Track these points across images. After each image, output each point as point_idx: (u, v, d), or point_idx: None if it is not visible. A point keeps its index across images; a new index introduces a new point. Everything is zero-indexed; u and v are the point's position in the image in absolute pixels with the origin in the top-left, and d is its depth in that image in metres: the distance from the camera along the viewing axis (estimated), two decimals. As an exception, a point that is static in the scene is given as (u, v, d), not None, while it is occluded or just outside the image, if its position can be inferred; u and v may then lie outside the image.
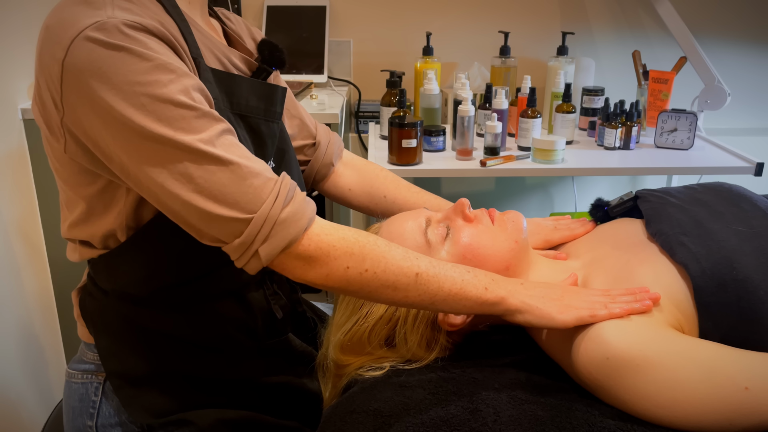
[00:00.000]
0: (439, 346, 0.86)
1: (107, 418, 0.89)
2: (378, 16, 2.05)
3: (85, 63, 0.67)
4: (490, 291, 0.77)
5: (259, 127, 0.86)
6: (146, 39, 0.69)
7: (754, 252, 0.79)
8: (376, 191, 1.10)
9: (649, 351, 0.70)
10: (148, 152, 0.69)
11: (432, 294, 0.76)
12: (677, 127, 1.76)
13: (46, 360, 1.78)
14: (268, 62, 0.91)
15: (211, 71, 0.80)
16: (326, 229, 0.74)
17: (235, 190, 0.70)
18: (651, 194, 0.95)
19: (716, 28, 2.10)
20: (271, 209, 0.71)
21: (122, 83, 0.67)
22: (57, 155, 0.78)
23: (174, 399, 0.89)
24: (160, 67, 0.69)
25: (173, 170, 0.69)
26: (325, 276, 0.73)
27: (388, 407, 0.76)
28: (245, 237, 0.71)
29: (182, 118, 0.69)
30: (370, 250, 0.74)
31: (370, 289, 0.75)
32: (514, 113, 1.80)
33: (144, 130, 0.67)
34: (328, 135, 1.11)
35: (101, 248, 0.84)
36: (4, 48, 1.56)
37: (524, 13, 2.07)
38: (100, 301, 0.89)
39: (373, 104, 2.04)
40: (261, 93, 0.87)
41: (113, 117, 0.68)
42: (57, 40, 0.69)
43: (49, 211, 1.70)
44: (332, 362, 0.89)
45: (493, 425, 0.71)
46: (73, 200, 0.82)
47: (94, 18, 0.68)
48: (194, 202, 0.69)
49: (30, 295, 1.69)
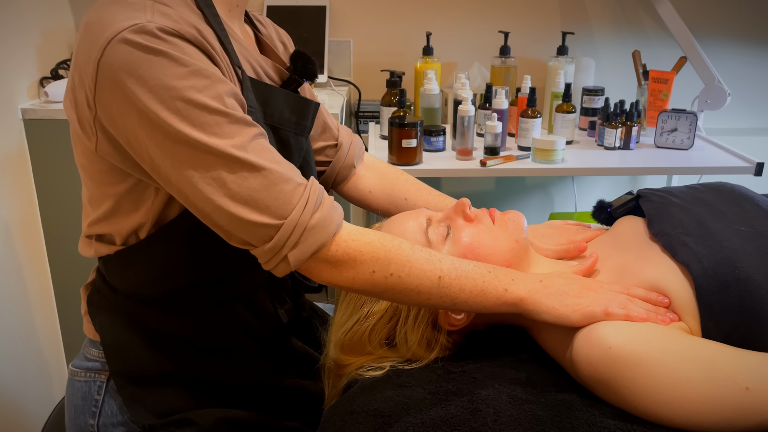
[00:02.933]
0: (439, 346, 0.86)
1: (110, 417, 0.89)
2: (378, 16, 2.05)
3: (122, 64, 0.67)
4: (509, 292, 0.78)
5: (288, 140, 0.87)
6: (183, 44, 0.70)
7: (756, 252, 0.79)
8: (397, 194, 1.09)
9: (650, 349, 0.70)
10: (182, 155, 0.69)
11: (453, 297, 0.77)
12: (677, 127, 1.76)
13: (46, 359, 1.78)
14: (300, 74, 0.91)
15: (250, 80, 0.81)
16: (353, 234, 0.76)
17: (266, 195, 0.71)
18: (653, 194, 0.95)
19: (716, 28, 2.10)
20: (302, 215, 0.72)
21: (158, 87, 0.68)
22: (87, 153, 0.78)
23: (177, 400, 0.89)
24: (195, 72, 0.69)
25: (206, 174, 0.70)
26: (351, 279, 0.75)
27: (388, 407, 0.76)
28: (275, 242, 0.72)
29: (216, 124, 0.69)
30: (396, 254, 0.76)
31: (394, 292, 0.77)
32: (514, 113, 1.80)
33: (179, 133, 0.68)
34: (350, 137, 1.11)
35: (120, 245, 0.84)
36: (4, 48, 1.56)
37: (524, 13, 2.07)
38: (109, 299, 0.89)
39: (373, 104, 2.04)
40: (295, 106, 0.87)
41: (148, 118, 0.68)
42: (94, 39, 0.69)
43: (49, 211, 1.70)
44: (332, 362, 0.89)
45: (493, 425, 0.71)
46: (98, 198, 0.82)
47: (132, 20, 0.68)
48: (226, 207, 0.70)
49: (30, 295, 1.69)
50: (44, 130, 1.63)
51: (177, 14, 0.72)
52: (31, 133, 1.63)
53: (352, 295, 0.88)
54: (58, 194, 1.69)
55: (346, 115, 2.05)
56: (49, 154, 1.65)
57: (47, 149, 1.65)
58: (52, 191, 1.68)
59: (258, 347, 0.93)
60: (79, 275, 1.73)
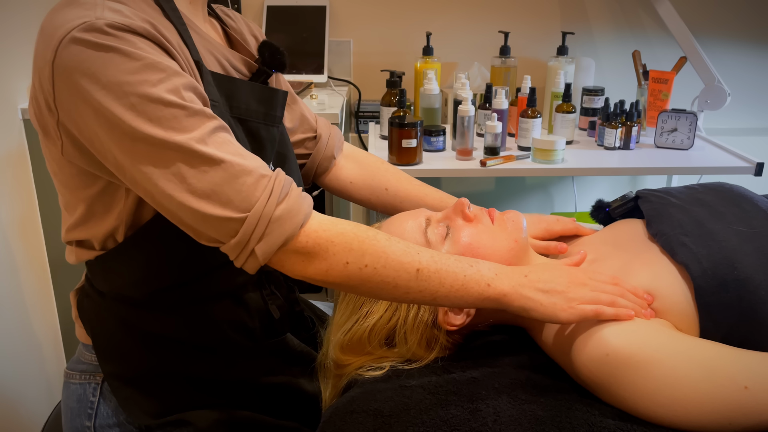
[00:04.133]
0: (439, 346, 0.86)
1: (105, 418, 0.89)
2: (378, 16, 2.05)
3: (74, 63, 0.67)
4: (492, 287, 0.76)
5: (258, 131, 0.86)
6: (134, 39, 0.69)
7: (755, 252, 0.79)
8: (378, 184, 1.09)
9: (649, 349, 0.70)
10: (141, 152, 0.68)
11: (433, 291, 0.75)
12: (677, 127, 1.76)
13: (45, 360, 1.78)
14: (268, 64, 0.91)
15: (211, 74, 0.80)
16: (324, 225, 0.73)
17: (227, 188, 0.69)
18: (652, 194, 0.95)
19: (716, 28, 2.10)
20: (265, 207, 0.70)
21: (111, 83, 0.67)
22: (55, 158, 0.78)
23: (172, 400, 0.89)
24: (149, 66, 0.68)
25: (166, 171, 0.68)
26: (324, 272, 0.73)
27: (388, 407, 0.76)
28: (241, 236, 0.70)
29: (173, 117, 0.68)
30: (370, 245, 0.73)
31: (370, 285, 0.74)
32: (514, 113, 1.80)
33: (135, 130, 0.67)
34: (329, 128, 1.11)
35: (99, 249, 0.84)
36: (4, 48, 1.56)
37: (524, 13, 2.07)
38: (98, 303, 0.89)
39: (373, 104, 2.04)
40: (261, 97, 0.87)
41: (105, 117, 0.67)
42: (47, 41, 0.69)
43: (49, 211, 1.70)
44: (332, 362, 0.89)
45: (493, 425, 0.71)
46: (72, 203, 0.82)
47: (81, 19, 0.68)
48: (188, 203, 0.69)
49: (30, 295, 1.69)
50: (44, 130, 1.63)
51: (129, 10, 0.72)
52: (31, 133, 1.64)
53: (351, 295, 0.88)
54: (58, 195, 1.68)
55: (346, 115, 2.05)
56: (49, 154, 1.65)
57: (47, 149, 1.65)
58: (52, 191, 1.68)
59: (252, 344, 0.93)
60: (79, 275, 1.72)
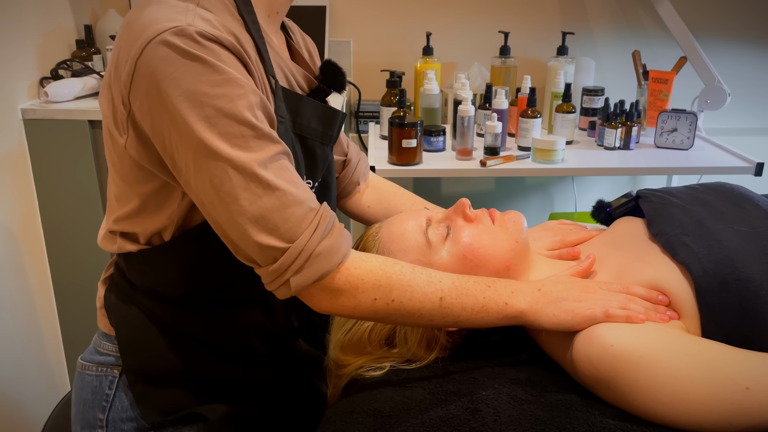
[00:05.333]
0: (439, 346, 0.86)
1: (120, 412, 0.89)
2: (378, 16, 2.05)
3: (158, 65, 0.68)
4: (510, 306, 0.79)
5: (314, 149, 0.87)
6: (221, 51, 0.70)
7: (756, 252, 0.79)
8: (393, 209, 1.11)
9: (650, 349, 0.70)
10: (203, 163, 0.69)
11: (455, 315, 0.77)
12: (677, 127, 1.76)
13: (46, 359, 1.78)
14: (329, 84, 0.91)
15: (282, 90, 0.81)
16: (356, 262, 0.75)
17: (277, 216, 0.70)
18: (653, 194, 0.95)
19: (716, 28, 2.10)
20: (309, 240, 0.71)
21: (191, 92, 0.68)
22: (118, 150, 0.78)
23: (186, 399, 0.89)
24: (230, 81, 0.69)
25: (221, 186, 0.69)
26: (352, 308, 0.75)
27: (388, 407, 0.76)
28: (279, 265, 0.71)
29: (242, 136, 0.69)
30: (397, 280, 0.75)
31: (396, 317, 0.76)
32: (514, 113, 1.80)
33: (203, 141, 0.68)
34: (359, 154, 1.12)
35: (144, 244, 0.84)
36: (4, 48, 1.56)
37: (524, 13, 2.07)
38: (127, 294, 0.89)
39: (373, 104, 2.04)
40: (322, 116, 0.88)
41: (176, 122, 0.68)
42: (134, 37, 0.69)
43: (49, 211, 1.70)
44: (333, 362, 0.89)
45: (493, 425, 0.71)
46: (126, 195, 0.82)
47: (174, 22, 0.68)
48: (236, 222, 0.70)
49: (30, 295, 1.69)
50: (44, 130, 1.63)
51: (218, 20, 0.73)
52: (31, 133, 1.63)
53: None
54: (58, 194, 1.69)
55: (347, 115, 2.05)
56: (49, 154, 1.65)
57: (47, 149, 1.65)
58: (52, 191, 1.68)
59: (268, 350, 0.93)
60: (79, 275, 1.73)
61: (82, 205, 1.68)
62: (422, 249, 0.87)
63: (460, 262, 0.85)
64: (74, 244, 1.71)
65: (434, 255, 0.86)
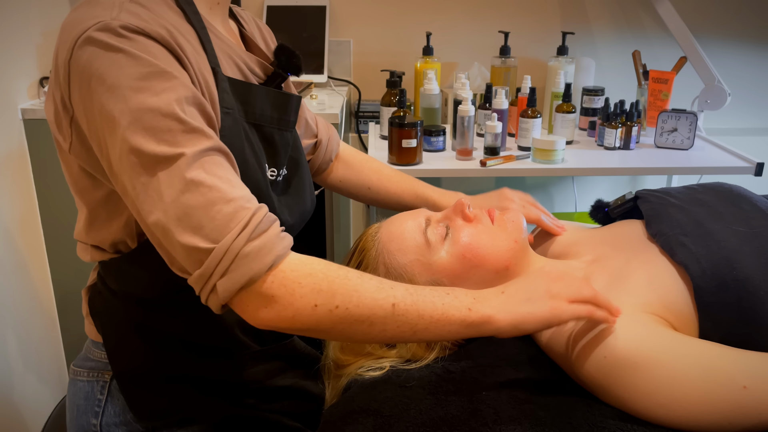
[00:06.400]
0: (439, 346, 0.86)
1: (112, 417, 0.89)
2: (378, 16, 2.05)
3: (86, 64, 0.67)
4: (474, 311, 0.72)
5: (272, 136, 0.86)
6: (147, 43, 0.68)
7: (754, 252, 0.79)
8: (362, 183, 1.14)
9: (648, 350, 0.71)
10: (130, 161, 0.67)
11: (412, 324, 0.70)
12: (677, 127, 1.76)
13: (46, 360, 1.78)
14: (284, 68, 0.90)
15: (228, 80, 0.79)
16: (293, 265, 0.69)
17: (201, 214, 0.65)
18: (651, 194, 0.95)
19: (716, 28, 2.10)
20: (235, 240, 0.66)
21: (115, 86, 0.66)
22: (65, 157, 0.78)
23: (178, 401, 0.89)
24: (156, 74, 0.67)
25: (148, 185, 0.66)
26: (291, 317, 0.67)
27: (388, 407, 0.76)
28: (204, 268, 0.66)
29: (168, 131, 0.66)
30: (341, 284, 0.69)
31: (343, 326, 0.69)
32: (514, 113, 1.80)
33: (127, 138, 0.66)
34: (328, 131, 1.13)
35: (112, 252, 0.84)
36: (4, 48, 1.56)
37: (524, 13, 2.07)
38: (110, 301, 0.89)
39: (373, 104, 2.04)
40: (275, 102, 0.86)
41: (106, 119, 0.67)
42: (65, 40, 0.69)
43: (49, 211, 1.71)
44: (332, 362, 0.89)
45: (493, 425, 0.71)
46: (78, 205, 0.82)
47: (97, 18, 0.68)
48: (161, 222, 0.66)
49: (30, 295, 1.69)
50: (44, 130, 1.63)
51: (148, 14, 0.71)
52: (31, 133, 1.64)
53: None
54: (58, 194, 1.69)
55: (346, 115, 2.05)
56: (49, 154, 1.65)
57: (47, 149, 1.65)
58: (52, 191, 1.69)
59: (261, 346, 0.93)
60: (79, 275, 1.73)
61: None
62: (421, 249, 0.87)
63: (459, 262, 0.85)
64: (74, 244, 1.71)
65: (433, 255, 0.86)
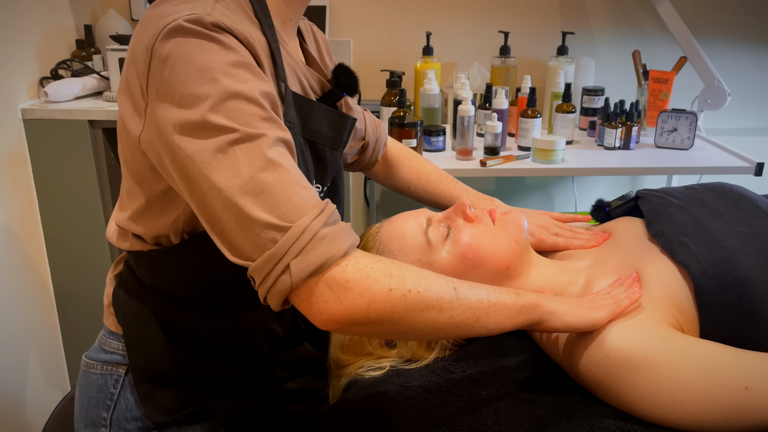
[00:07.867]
0: (439, 346, 0.86)
1: (124, 411, 0.89)
2: (378, 16, 2.05)
3: (173, 47, 0.67)
4: (521, 297, 0.74)
5: (324, 154, 0.87)
6: (235, 42, 0.70)
7: (755, 252, 0.79)
8: (402, 182, 1.16)
9: (649, 350, 0.71)
10: (204, 141, 0.66)
11: (475, 309, 0.70)
12: (677, 127, 1.76)
13: (45, 359, 1.78)
14: (342, 88, 0.91)
15: (292, 95, 0.80)
16: (361, 254, 0.68)
17: (279, 192, 0.65)
18: (652, 194, 0.95)
19: (716, 28, 2.10)
20: (312, 222, 0.65)
21: (206, 68, 0.66)
22: (131, 146, 0.77)
23: (190, 400, 0.89)
24: (244, 64, 0.69)
25: (223, 161, 0.65)
26: (366, 306, 0.65)
27: (388, 407, 0.76)
28: (278, 247, 0.64)
29: (251, 114, 0.67)
30: (407, 269, 0.69)
31: (416, 313, 0.67)
32: (514, 113, 1.80)
33: (206, 117, 0.65)
34: (375, 132, 1.14)
35: (152, 244, 0.83)
36: (4, 48, 1.56)
37: (524, 13, 2.07)
38: (136, 292, 0.88)
39: (373, 104, 2.04)
40: (333, 121, 0.87)
41: (187, 98, 0.66)
42: (148, 27, 0.69)
43: (49, 211, 1.71)
44: (333, 362, 0.89)
45: (493, 425, 0.71)
46: (135, 192, 0.81)
47: (191, 11, 0.68)
48: (234, 198, 0.65)
49: (30, 295, 1.70)
50: (44, 130, 1.63)
51: (236, 17, 0.73)
52: (31, 133, 1.64)
53: None
54: (58, 194, 1.69)
55: (346, 115, 2.05)
56: (49, 154, 1.65)
57: (47, 149, 1.65)
58: (52, 191, 1.68)
59: (275, 353, 0.93)
60: (79, 275, 1.74)
61: (82, 205, 1.69)
62: (422, 249, 0.87)
63: (460, 262, 0.85)
64: (74, 243, 1.72)
65: (434, 255, 0.86)
